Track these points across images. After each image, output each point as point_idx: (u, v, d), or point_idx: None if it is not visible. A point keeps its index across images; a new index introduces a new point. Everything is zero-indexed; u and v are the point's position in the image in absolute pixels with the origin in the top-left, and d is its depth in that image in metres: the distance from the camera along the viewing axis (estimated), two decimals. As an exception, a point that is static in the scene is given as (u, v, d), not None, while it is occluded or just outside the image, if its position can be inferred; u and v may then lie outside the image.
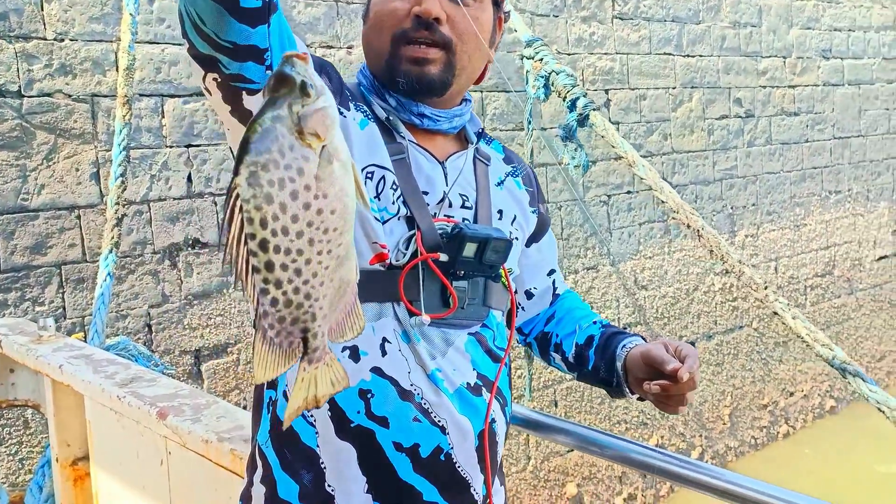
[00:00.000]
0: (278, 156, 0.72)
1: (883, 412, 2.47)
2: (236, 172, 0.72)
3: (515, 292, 1.27)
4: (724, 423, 6.01)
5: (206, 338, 3.55)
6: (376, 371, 1.08)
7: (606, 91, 5.25)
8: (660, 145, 5.60)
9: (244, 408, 3.77)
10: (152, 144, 3.38)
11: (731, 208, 6.10)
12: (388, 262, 1.10)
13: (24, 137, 3.07)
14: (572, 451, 5.18)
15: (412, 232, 1.11)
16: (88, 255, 3.23)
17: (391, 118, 1.17)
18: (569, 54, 5.01)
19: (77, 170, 3.20)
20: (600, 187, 5.20)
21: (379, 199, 1.11)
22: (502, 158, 1.32)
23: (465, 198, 1.19)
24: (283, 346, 0.80)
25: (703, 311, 5.90)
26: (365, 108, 1.17)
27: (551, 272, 1.39)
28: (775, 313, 2.66)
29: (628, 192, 5.38)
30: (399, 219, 1.12)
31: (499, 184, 1.27)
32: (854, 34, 7.02)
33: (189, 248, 3.50)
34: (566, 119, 3.09)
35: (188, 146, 3.48)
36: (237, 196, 0.72)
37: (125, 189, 2.93)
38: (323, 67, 1.12)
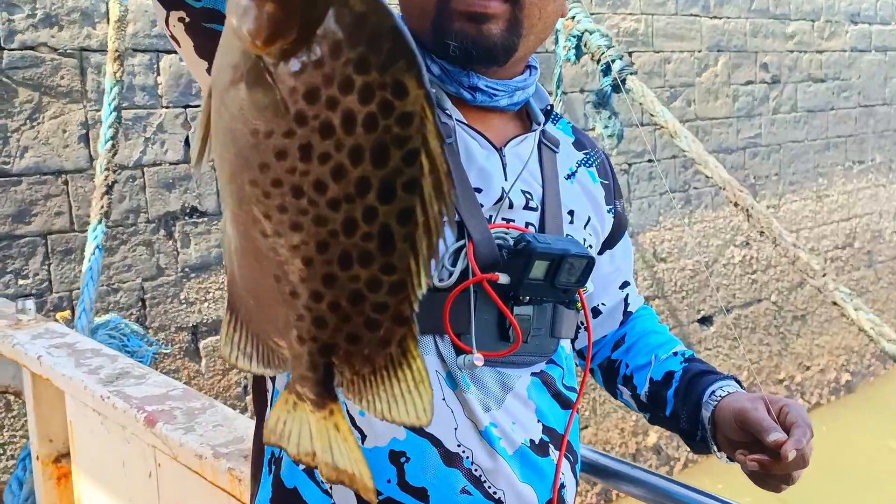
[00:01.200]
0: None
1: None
2: None
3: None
4: (739, 401, 5.83)
5: (204, 313, 3.32)
6: (412, 427, 0.84)
7: (630, 53, 4.95)
8: (683, 111, 5.32)
9: (244, 388, 3.56)
10: (146, 104, 3.11)
11: (754, 178, 5.84)
12: (428, 280, 0.84)
13: (4, 95, 2.80)
14: (586, 427, 5.00)
15: (461, 243, 0.85)
16: (77, 224, 2.99)
17: (434, 91, 0.90)
18: (591, 13, 4.70)
19: (64, 131, 2.93)
20: (621, 155, 4.93)
21: None
22: (572, 143, 1.03)
23: (528, 196, 0.92)
24: (270, 343, 0.59)
25: (721, 283, 5.68)
26: None
27: (624, 285, 1.11)
28: (834, 303, 2.43)
29: (650, 161, 5.12)
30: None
31: (569, 176, 0.99)
32: (884, -2, 6.70)
33: (186, 217, 3.25)
34: (600, 83, 2.81)
35: (186, 106, 3.21)
36: None
37: (116, 153, 2.67)
38: None
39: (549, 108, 1.01)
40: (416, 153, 0.50)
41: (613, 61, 2.71)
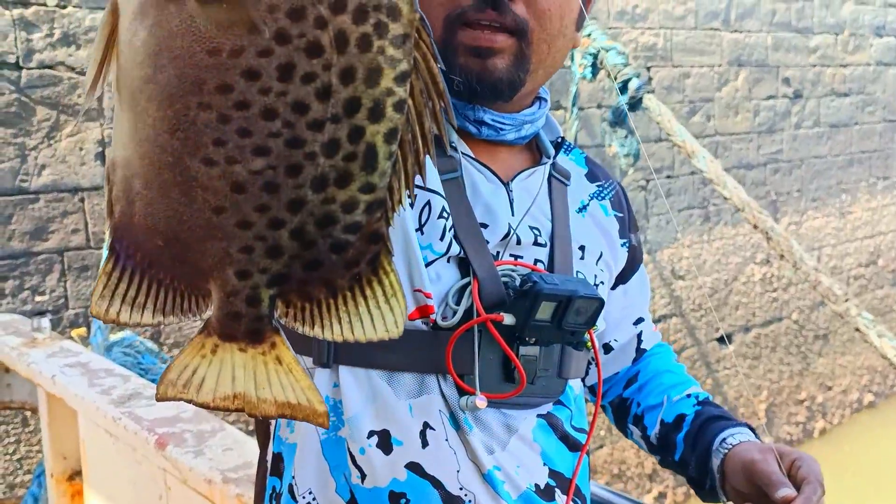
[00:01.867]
0: None
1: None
2: None
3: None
4: (760, 419, 5.75)
5: (218, 330, 3.32)
6: (414, 468, 0.81)
7: (648, 68, 4.92)
8: (702, 127, 5.28)
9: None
10: (163, 122, 3.13)
11: (775, 194, 5.78)
12: (432, 318, 0.82)
13: (22, 113, 2.82)
14: (602, 447, 4.95)
15: (466, 280, 0.83)
16: (93, 240, 3.00)
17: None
18: (610, 28, 4.68)
19: (81, 149, 2.95)
20: (639, 171, 4.89)
21: (423, 233, 0.82)
22: (585, 174, 0.99)
23: (537, 232, 0.89)
24: (175, 287, 0.54)
25: (741, 302, 5.61)
26: None
27: (639, 321, 1.07)
28: (857, 330, 2.38)
29: (668, 177, 5.08)
30: (449, 260, 0.83)
31: (581, 209, 0.95)
32: (910, 10, 6.62)
33: (202, 234, 3.26)
34: (616, 101, 2.78)
35: (202, 124, 3.23)
36: None
37: (132, 172, 2.68)
38: None
39: (559, 139, 0.99)
40: (408, 74, 0.49)
41: (630, 80, 2.68)
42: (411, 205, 0.60)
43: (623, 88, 2.70)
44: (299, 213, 0.51)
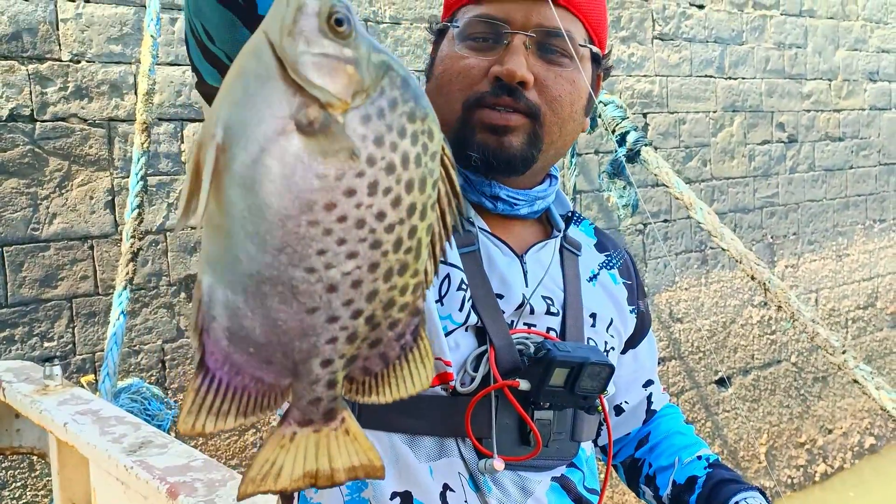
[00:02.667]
0: None
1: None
2: None
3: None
4: (760, 462, 5.74)
5: (223, 375, 3.35)
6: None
7: (645, 115, 5.02)
8: (699, 171, 5.36)
9: (259, 446, 3.58)
10: (170, 171, 3.20)
11: (772, 237, 5.84)
12: (451, 384, 0.87)
13: (35, 164, 2.89)
14: None
15: (483, 348, 0.88)
16: (101, 287, 3.05)
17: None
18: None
19: (91, 198, 3.01)
20: (637, 215, 4.96)
21: (442, 304, 0.88)
22: (594, 245, 1.06)
23: (549, 301, 0.95)
24: (258, 389, 0.59)
25: (739, 344, 5.64)
26: None
27: (648, 383, 1.12)
28: (855, 381, 2.42)
29: (665, 221, 5.14)
30: (467, 329, 0.88)
31: (591, 279, 1.01)
32: (901, 56, 6.75)
33: (208, 280, 3.30)
34: (615, 154, 2.86)
35: (209, 172, 3.29)
36: None
37: (142, 221, 2.74)
38: None
39: (570, 213, 1.05)
40: (436, 180, 0.61)
41: (628, 133, 2.76)
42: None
43: (621, 141, 2.77)
44: (373, 301, 0.59)
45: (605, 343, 0.99)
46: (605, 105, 2.81)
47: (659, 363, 5.26)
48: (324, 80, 0.56)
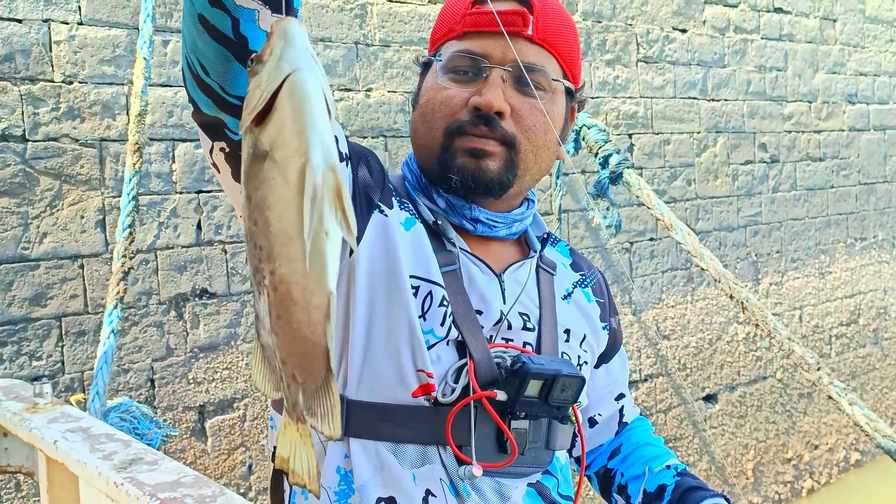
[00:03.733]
0: None
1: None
2: None
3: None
4: (748, 478, 5.78)
5: (211, 393, 3.37)
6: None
7: (630, 135, 5.09)
8: (683, 191, 5.43)
9: (249, 467, 3.58)
10: (161, 190, 3.23)
11: (755, 255, 5.91)
12: (433, 395, 0.92)
13: (26, 184, 2.92)
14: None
15: (463, 361, 0.93)
16: (91, 306, 3.07)
17: (440, 222, 0.99)
18: (592, 98, 4.86)
19: (82, 217, 3.04)
20: (623, 234, 5.02)
21: (425, 319, 0.92)
22: (570, 264, 1.13)
23: (526, 317, 1.00)
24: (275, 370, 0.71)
25: (725, 361, 5.69)
26: (410, 206, 0.99)
27: (620, 396, 1.18)
28: (830, 397, 2.46)
29: (651, 239, 5.21)
30: (448, 343, 0.93)
31: (565, 297, 1.07)
32: (880, 79, 6.87)
33: (196, 299, 3.33)
34: (598, 176, 2.92)
35: (199, 192, 3.33)
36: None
37: (133, 241, 2.76)
38: (363, 156, 0.95)
39: (546, 234, 1.10)
40: None
41: (611, 155, 2.82)
42: None
43: (604, 163, 2.83)
44: None
45: (579, 357, 1.04)
46: (589, 128, 2.87)
47: (646, 380, 5.31)
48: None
